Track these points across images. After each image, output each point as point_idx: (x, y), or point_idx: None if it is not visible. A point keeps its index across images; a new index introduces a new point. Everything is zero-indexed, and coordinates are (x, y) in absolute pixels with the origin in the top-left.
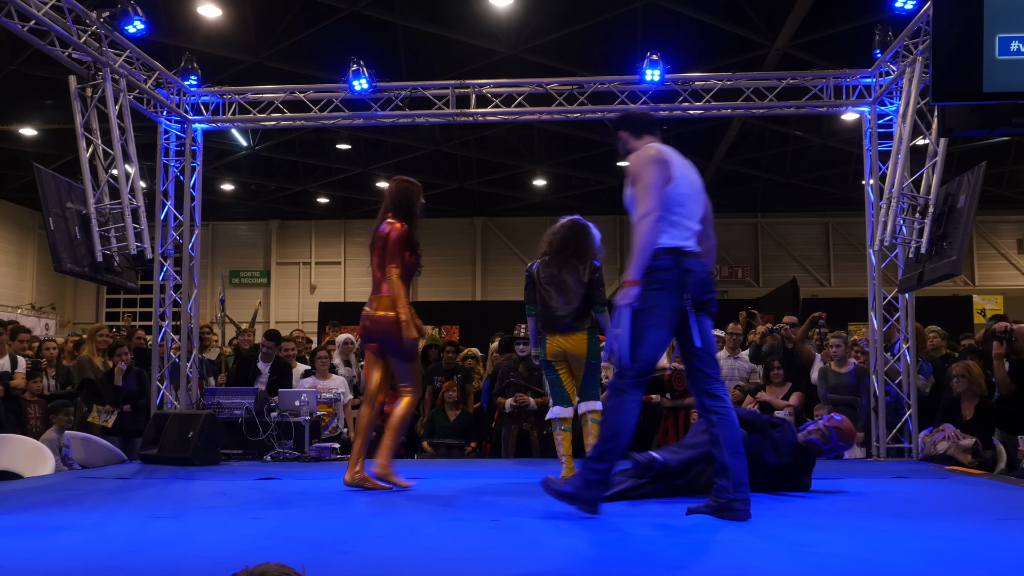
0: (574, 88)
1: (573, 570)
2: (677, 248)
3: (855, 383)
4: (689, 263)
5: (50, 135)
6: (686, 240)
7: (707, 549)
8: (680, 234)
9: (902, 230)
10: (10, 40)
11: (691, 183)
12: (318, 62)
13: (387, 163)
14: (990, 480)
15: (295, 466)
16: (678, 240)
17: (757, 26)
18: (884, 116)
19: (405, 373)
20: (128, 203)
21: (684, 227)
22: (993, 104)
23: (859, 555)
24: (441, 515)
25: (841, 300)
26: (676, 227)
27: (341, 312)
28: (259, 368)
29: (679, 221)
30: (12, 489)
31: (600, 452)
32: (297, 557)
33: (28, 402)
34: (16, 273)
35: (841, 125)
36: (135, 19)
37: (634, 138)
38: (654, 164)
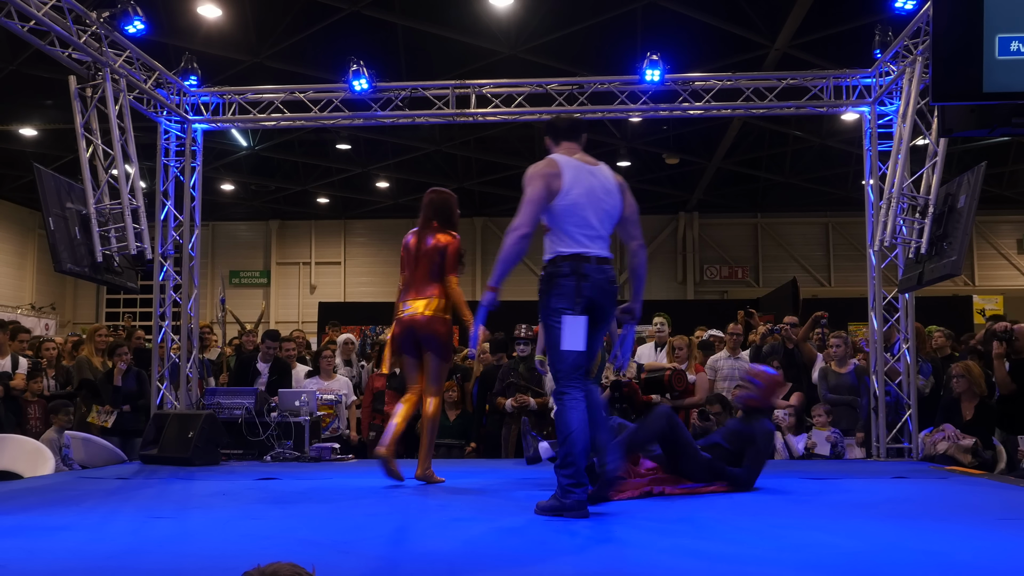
0: (574, 88)
1: (573, 570)
2: (575, 255)
3: (855, 383)
4: (587, 268)
5: (50, 135)
6: (584, 247)
7: (707, 549)
8: (577, 242)
9: (902, 230)
10: (10, 40)
11: (588, 191)
12: (318, 62)
13: (387, 163)
14: (990, 480)
15: (295, 466)
16: (576, 247)
17: (757, 26)
18: (884, 116)
19: (440, 374)
20: (128, 203)
21: (580, 234)
22: (993, 104)
23: (859, 555)
24: (441, 515)
25: (841, 300)
26: (571, 236)
27: (341, 312)
28: (259, 368)
29: (573, 230)
30: (12, 489)
31: (562, 458)
32: (297, 557)
33: (28, 402)
34: (16, 273)
35: (841, 125)
36: (135, 19)
37: (554, 144)
38: (539, 178)
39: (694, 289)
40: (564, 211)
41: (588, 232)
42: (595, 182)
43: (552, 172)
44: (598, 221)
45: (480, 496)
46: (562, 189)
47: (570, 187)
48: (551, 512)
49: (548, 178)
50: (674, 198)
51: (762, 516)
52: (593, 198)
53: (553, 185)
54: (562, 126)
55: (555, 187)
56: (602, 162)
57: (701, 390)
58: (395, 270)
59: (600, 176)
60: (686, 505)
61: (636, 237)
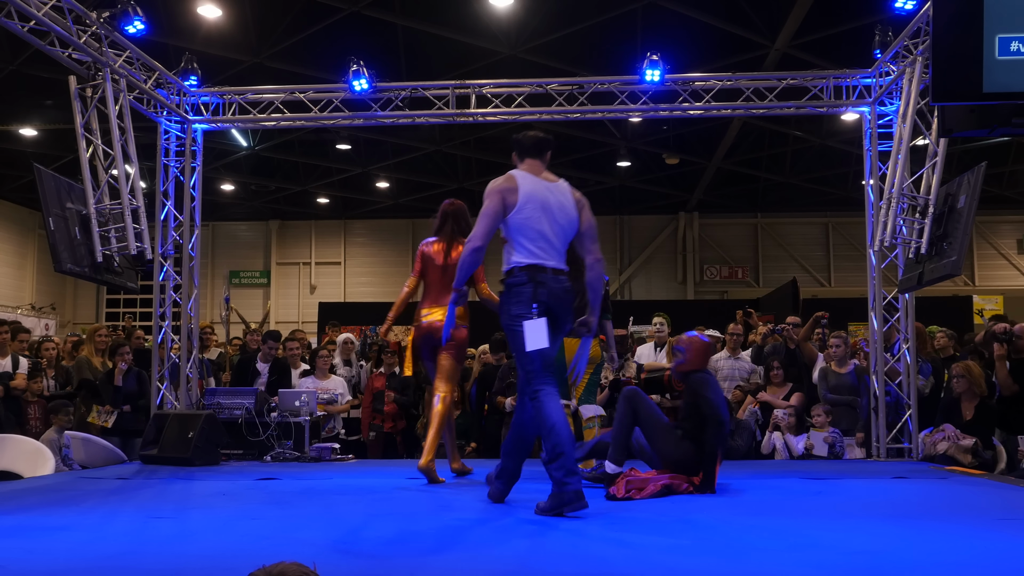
0: (574, 88)
1: (573, 570)
2: (530, 265)
3: (855, 383)
4: (542, 277)
5: (50, 135)
6: (539, 258)
7: (707, 549)
8: (532, 253)
9: (902, 230)
10: (10, 40)
11: (543, 206)
12: (318, 62)
13: (387, 163)
14: (990, 480)
15: (295, 466)
16: (531, 259)
17: (757, 26)
18: (884, 116)
19: (454, 374)
20: (128, 203)
21: (535, 247)
22: (993, 104)
23: (859, 555)
24: (441, 515)
25: (841, 300)
26: (526, 247)
27: (341, 312)
28: (258, 369)
29: (528, 243)
30: (12, 489)
31: (550, 452)
32: (297, 557)
33: (28, 402)
34: (16, 273)
35: (841, 125)
36: (135, 19)
37: (519, 160)
38: (496, 193)
39: (694, 289)
40: (520, 224)
41: (543, 245)
42: (552, 198)
43: (509, 187)
44: (553, 235)
45: (480, 496)
46: (518, 204)
47: (526, 202)
48: (551, 512)
49: (504, 193)
50: (674, 198)
51: (762, 516)
52: (549, 213)
53: (509, 200)
54: (527, 143)
55: (511, 201)
56: (562, 179)
57: None
58: (395, 270)
59: (558, 193)
60: (686, 505)
61: (592, 252)
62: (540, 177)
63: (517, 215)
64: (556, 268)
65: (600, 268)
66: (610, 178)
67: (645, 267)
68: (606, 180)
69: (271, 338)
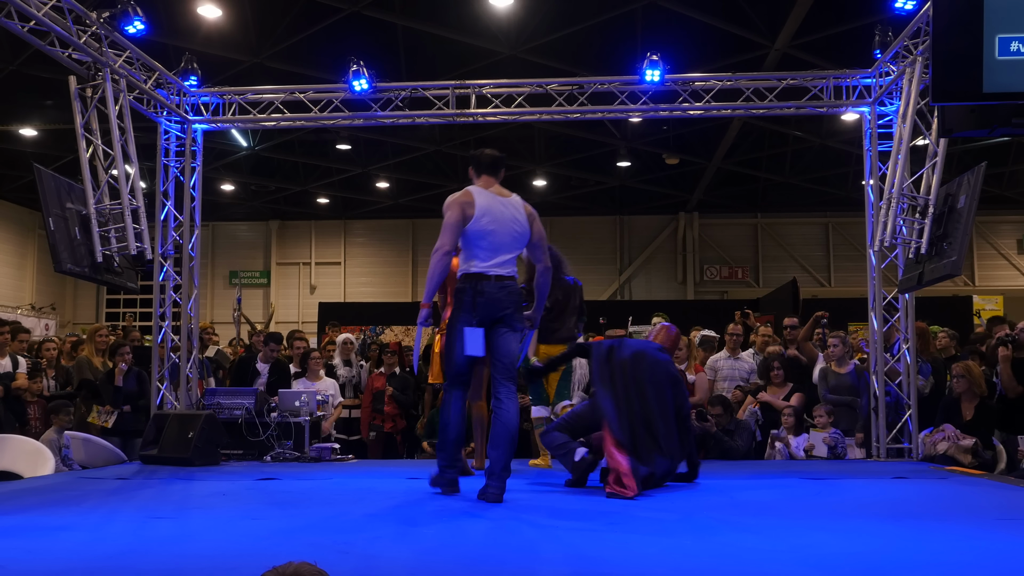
0: (574, 88)
1: (573, 570)
2: (475, 275)
3: (855, 383)
4: (484, 286)
5: (50, 135)
6: (486, 268)
7: (707, 550)
8: (479, 263)
9: (902, 230)
10: (10, 40)
11: (496, 219)
12: (318, 62)
13: (387, 163)
14: (990, 480)
15: (295, 466)
16: (477, 268)
17: (757, 26)
18: (884, 116)
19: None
20: (128, 203)
21: (485, 256)
22: (993, 104)
23: (859, 555)
24: (441, 515)
25: (841, 300)
26: (477, 257)
27: (341, 312)
28: (258, 369)
29: (478, 252)
30: (12, 489)
31: (439, 444)
32: (297, 558)
33: (28, 402)
34: (16, 273)
35: (841, 125)
36: (135, 19)
37: (475, 176)
38: (456, 206)
39: (694, 289)
40: (475, 235)
41: (493, 253)
42: (505, 211)
43: (467, 201)
44: (504, 245)
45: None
46: (474, 216)
47: (481, 215)
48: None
49: (463, 206)
50: (674, 198)
51: (762, 516)
52: (501, 225)
53: (467, 212)
54: (484, 161)
55: (468, 214)
56: (515, 194)
57: (700, 390)
58: (395, 270)
59: (510, 206)
60: (685, 505)
61: (540, 260)
62: (494, 192)
63: (473, 226)
64: (500, 275)
65: (548, 275)
66: (610, 178)
67: (645, 267)
68: (606, 180)
69: (272, 340)
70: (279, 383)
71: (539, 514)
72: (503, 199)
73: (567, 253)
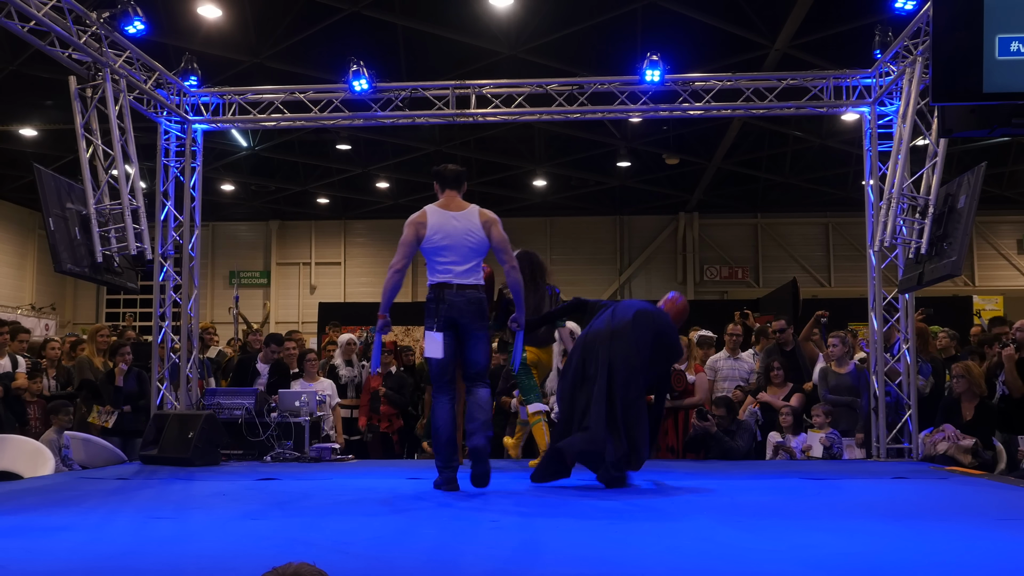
0: (574, 89)
1: (573, 571)
2: (437, 284)
3: (855, 383)
4: (445, 294)
5: (50, 136)
6: (447, 278)
7: (706, 549)
8: (441, 273)
9: (902, 230)
10: (10, 41)
11: (449, 234)
12: (318, 62)
13: (387, 163)
14: (990, 480)
15: (295, 467)
16: (439, 278)
17: (757, 26)
18: (884, 116)
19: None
20: (128, 203)
21: (444, 268)
22: (993, 104)
23: (859, 555)
24: (441, 515)
25: (841, 301)
26: (437, 269)
27: (341, 313)
28: (258, 369)
29: (437, 266)
30: (12, 490)
31: (434, 448)
32: (297, 558)
33: (28, 403)
34: (16, 273)
35: (841, 125)
36: (135, 19)
37: (439, 190)
38: (410, 226)
39: (694, 289)
40: (431, 251)
41: (451, 266)
42: (459, 225)
43: (420, 222)
44: (461, 256)
45: (481, 496)
46: (427, 235)
47: (434, 232)
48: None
49: (416, 226)
50: (674, 198)
51: (762, 516)
52: (454, 240)
53: (420, 232)
54: (448, 176)
55: (421, 234)
56: (473, 205)
57: (701, 390)
58: None
59: (464, 220)
60: (685, 505)
61: (507, 262)
62: (452, 206)
63: (427, 244)
64: (461, 284)
65: (516, 274)
66: (610, 178)
67: (645, 267)
68: (606, 180)
69: (273, 341)
70: (279, 383)
71: (539, 513)
72: (457, 214)
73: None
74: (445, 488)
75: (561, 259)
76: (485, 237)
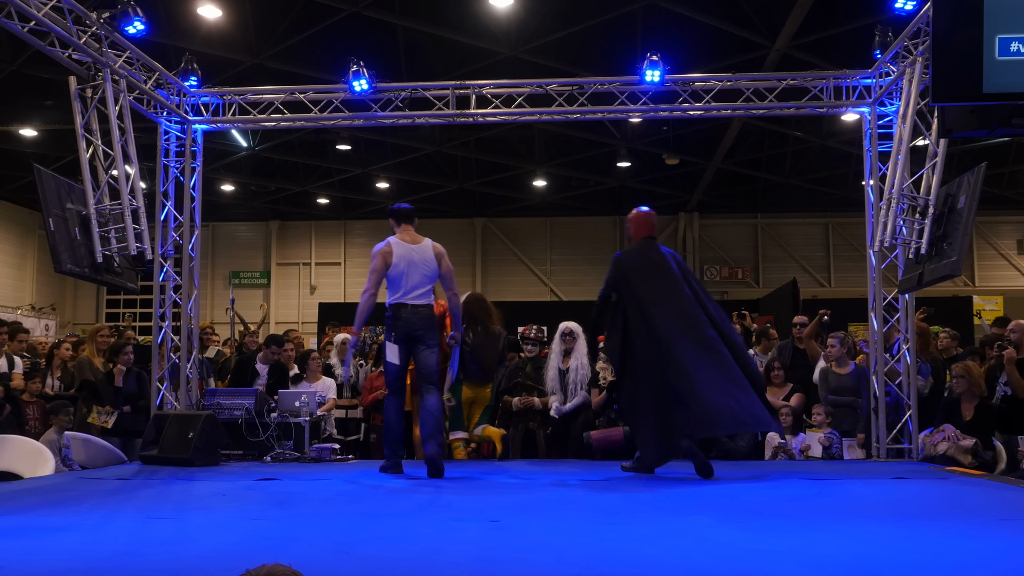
0: (574, 89)
1: (573, 570)
2: (396, 304)
3: (855, 384)
4: (402, 312)
5: (50, 136)
6: (404, 299)
7: (706, 549)
8: (401, 294)
9: (902, 231)
10: (10, 41)
11: (410, 263)
12: (318, 63)
13: (387, 164)
14: (990, 481)
15: (295, 467)
16: (398, 299)
17: (757, 27)
18: (884, 117)
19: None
20: (128, 204)
21: (403, 291)
22: (993, 105)
23: (859, 555)
24: (442, 515)
25: (841, 301)
26: (397, 290)
27: (341, 313)
28: (258, 369)
29: (398, 289)
30: (12, 490)
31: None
32: (297, 558)
33: (27, 403)
34: (16, 274)
35: (841, 126)
36: (135, 20)
37: (395, 225)
38: (379, 255)
39: None
40: (394, 277)
41: (408, 288)
42: (416, 255)
43: (387, 251)
44: (416, 282)
45: (481, 496)
46: (393, 263)
47: (398, 261)
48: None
49: (384, 256)
50: (674, 199)
51: (762, 516)
52: (413, 267)
53: (387, 260)
54: (402, 214)
55: (388, 262)
56: (427, 239)
57: None
58: None
59: (420, 251)
60: (685, 505)
61: (450, 288)
62: (410, 239)
63: (393, 271)
64: (415, 305)
65: (456, 300)
66: (610, 179)
67: None
68: (606, 181)
69: (274, 343)
70: (279, 384)
71: (539, 513)
72: (416, 246)
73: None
74: (391, 472)
75: (561, 259)
76: (437, 267)
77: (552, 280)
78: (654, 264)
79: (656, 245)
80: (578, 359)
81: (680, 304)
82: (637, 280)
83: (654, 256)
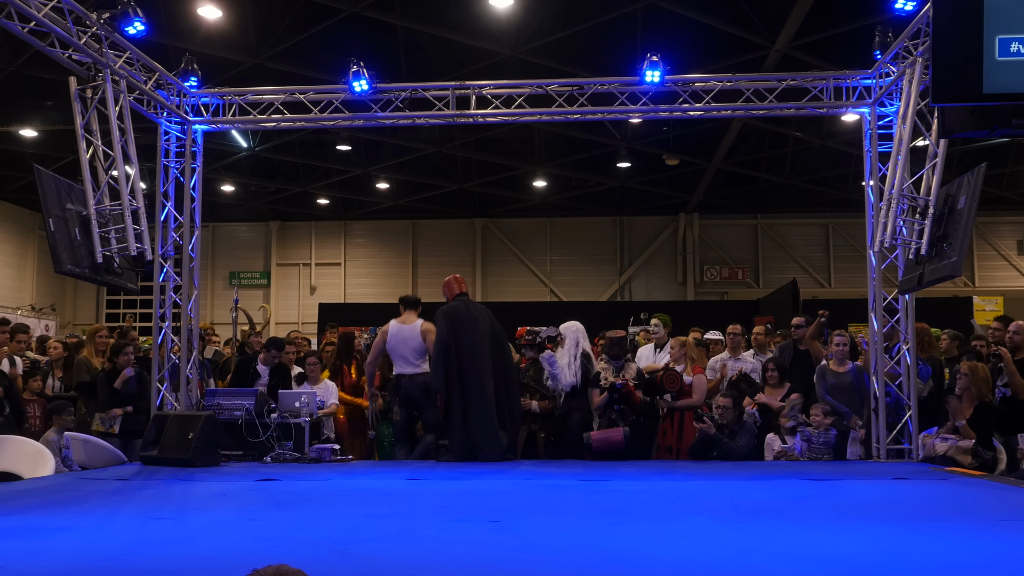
0: (574, 89)
1: (573, 570)
2: (397, 375)
3: (855, 383)
4: (402, 380)
5: (50, 136)
6: (401, 370)
7: (706, 549)
8: (399, 366)
9: (902, 231)
10: (10, 41)
11: (402, 341)
12: (318, 63)
13: (387, 164)
14: (990, 481)
15: (295, 467)
16: (398, 370)
17: (757, 27)
18: (884, 117)
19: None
20: (128, 204)
21: (399, 363)
22: (993, 105)
23: (859, 555)
24: (442, 516)
25: (841, 301)
26: (396, 363)
27: (341, 313)
28: (259, 370)
29: (396, 362)
30: (12, 490)
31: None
32: (297, 558)
33: (27, 401)
34: (16, 274)
35: (841, 126)
36: (135, 20)
37: (403, 308)
38: (380, 335)
39: (694, 290)
40: (390, 352)
41: (402, 361)
42: (407, 334)
43: (385, 331)
44: (408, 355)
45: (481, 497)
46: (388, 341)
47: (391, 340)
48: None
49: (383, 335)
50: (674, 199)
51: (762, 516)
52: (403, 345)
53: (385, 338)
54: (409, 300)
55: (385, 339)
56: (419, 320)
57: (699, 391)
58: (395, 271)
59: (410, 330)
60: (684, 505)
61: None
62: (406, 321)
63: (388, 347)
64: (411, 374)
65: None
66: (610, 179)
67: (645, 268)
68: (606, 181)
69: (274, 346)
70: (279, 386)
71: (538, 513)
72: (408, 327)
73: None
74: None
75: (561, 260)
76: (423, 343)
77: (552, 280)
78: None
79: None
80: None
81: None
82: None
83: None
